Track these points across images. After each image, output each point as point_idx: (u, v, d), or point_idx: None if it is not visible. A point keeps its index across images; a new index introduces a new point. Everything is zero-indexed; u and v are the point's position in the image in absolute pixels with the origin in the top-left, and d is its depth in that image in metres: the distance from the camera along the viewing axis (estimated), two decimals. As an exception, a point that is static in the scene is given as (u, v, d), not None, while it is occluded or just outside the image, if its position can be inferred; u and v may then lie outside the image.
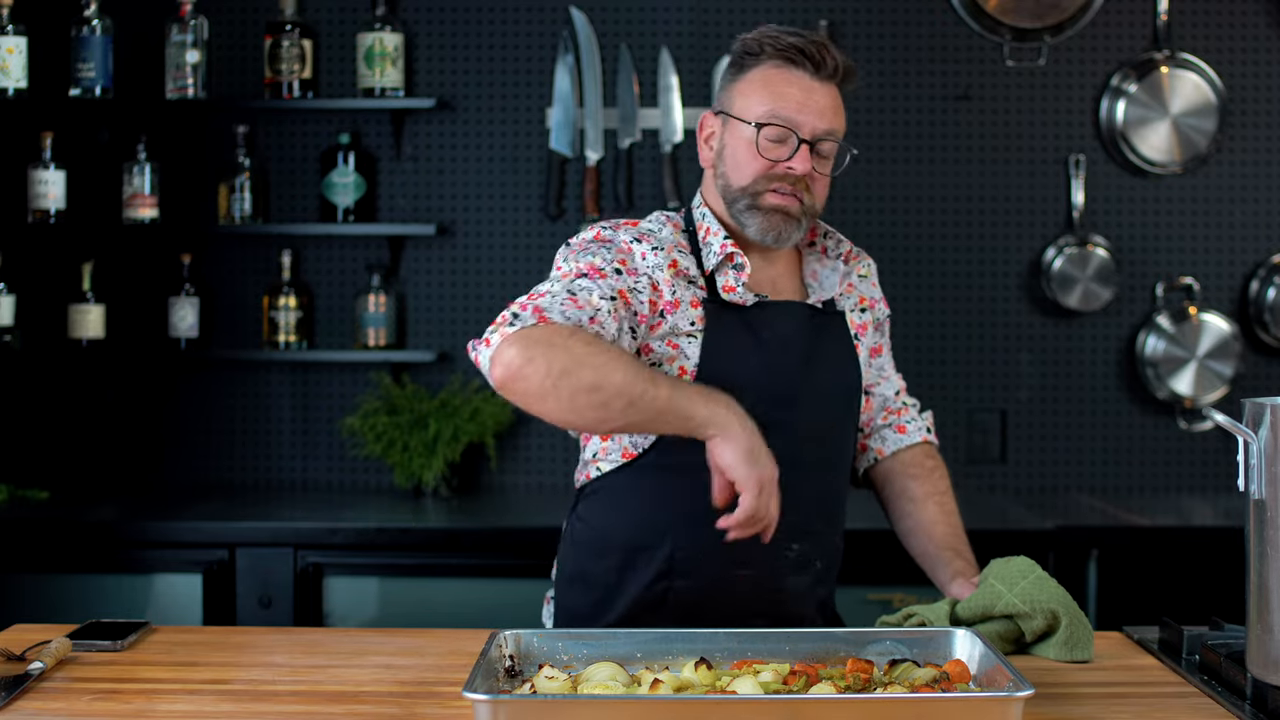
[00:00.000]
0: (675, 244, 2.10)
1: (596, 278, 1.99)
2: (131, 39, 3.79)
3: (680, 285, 2.07)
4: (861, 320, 2.24)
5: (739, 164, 2.10)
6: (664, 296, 2.05)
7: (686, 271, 2.08)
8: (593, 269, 2.01)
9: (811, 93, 2.08)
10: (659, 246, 2.07)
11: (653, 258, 2.06)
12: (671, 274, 2.06)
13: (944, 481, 2.30)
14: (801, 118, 2.06)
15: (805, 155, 2.06)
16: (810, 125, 2.07)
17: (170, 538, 3.31)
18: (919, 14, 3.83)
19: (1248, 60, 3.84)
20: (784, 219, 2.08)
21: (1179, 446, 3.85)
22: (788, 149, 2.07)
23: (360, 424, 3.72)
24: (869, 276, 2.29)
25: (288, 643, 2.03)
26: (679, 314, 2.06)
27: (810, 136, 2.07)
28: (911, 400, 2.37)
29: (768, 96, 2.08)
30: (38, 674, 1.80)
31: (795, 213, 2.09)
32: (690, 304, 2.07)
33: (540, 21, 3.85)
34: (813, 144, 2.07)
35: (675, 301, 2.06)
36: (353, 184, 3.78)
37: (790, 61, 2.08)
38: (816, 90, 2.08)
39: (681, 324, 2.06)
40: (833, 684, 1.62)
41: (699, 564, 2.07)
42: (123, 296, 3.83)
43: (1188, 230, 3.85)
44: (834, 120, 2.09)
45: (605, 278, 2.00)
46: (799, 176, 2.07)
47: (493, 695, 1.55)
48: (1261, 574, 1.65)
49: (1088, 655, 1.92)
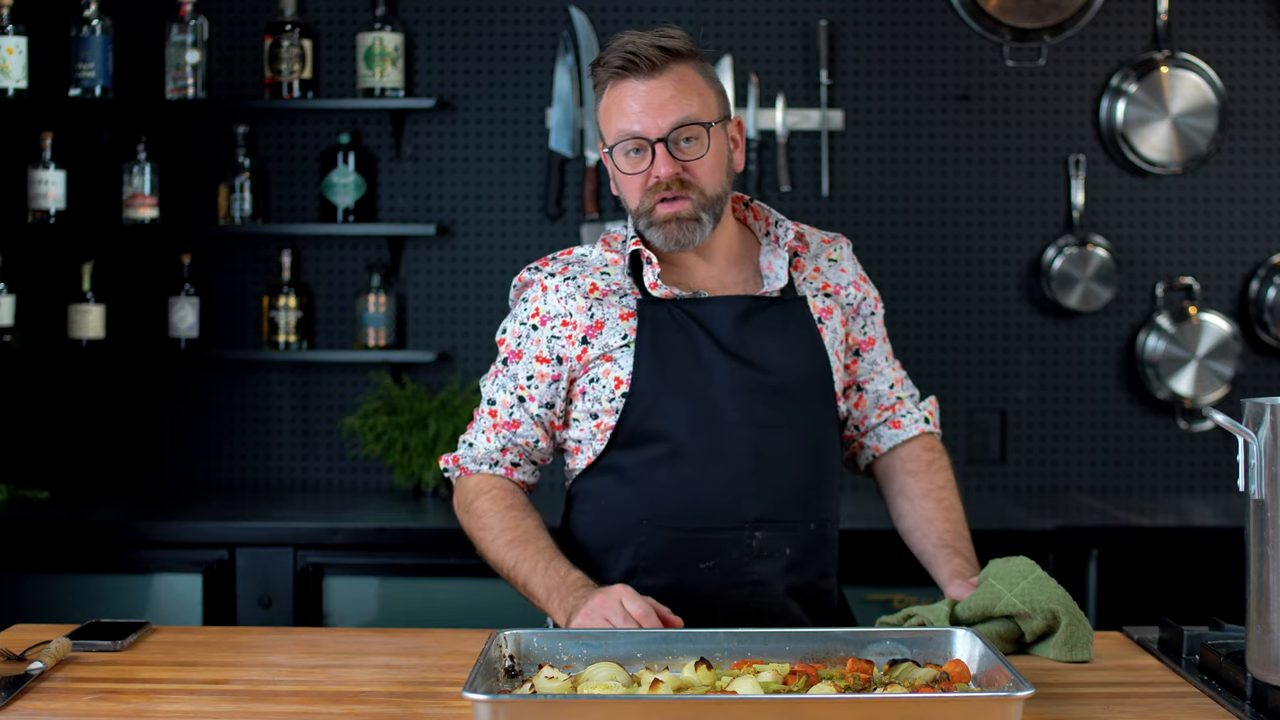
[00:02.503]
0: (603, 264, 2.18)
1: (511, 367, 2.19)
2: (131, 39, 3.79)
3: (602, 305, 2.14)
4: (825, 305, 2.21)
5: (622, 190, 2.14)
6: (580, 325, 2.14)
7: (610, 289, 2.15)
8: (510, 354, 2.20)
9: (647, 94, 2.06)
10: (574, 278, 2.16)
11: (565, 289, 2.15)
12: (589, 300, 2.14)
13: (943, 474, 2.28)
14: (643, 123, 2.06)
15: (664, 156, 2.06)
16: (654, 125, 2.06)
17: (170, 538, 3.31)
18: (919, 14, 3.84)
19: (1248, 60, 3.84)
20: (679, 225, 2.09)
21: (1179, 446, 3.85)
22: (646, 159, 2.08)
23: (360, 424, 3.72)
24: (839, 261, 2.27)
25: (288, 643, 2.03)
26: (606, 332, 2.13)
27: (658, 135, 2.06)
28: (909, 392, 2.33)
29: (612, 118, 2.09)
30: (38, 674, 1.80)
31: (687, 214, 2.09)
32: (620, 317, 2.13)
33: (540, 21, 3.85)
34: (667, 140, 2.06)
35: (599, 323, 2.14)
36: (353, 184, 3.78)
37: (621, 74, 2.08)
38: (652, 89, 2.06)
39: (613, 340, 2.13)
40: (833, 684, 1.62)
41: (664, 560, 2.12)
42: (123, 296, 3.84)
43: (1188, 230, 3.85)
44: (679, 107, 2.06)
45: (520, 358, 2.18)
46: (670, 179, 2.07)
47: (493, 695, 1.56)
48: (1261, 574, 1.65)
49: (1088, 655, 1.92)
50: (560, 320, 2.15)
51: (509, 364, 2.19)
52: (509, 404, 2.18)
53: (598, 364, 2.13)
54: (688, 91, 2.08)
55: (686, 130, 2.07)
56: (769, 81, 3.83)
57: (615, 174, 2.13)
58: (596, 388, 2.14)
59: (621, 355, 2.12)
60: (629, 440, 2.13)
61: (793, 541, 2.14)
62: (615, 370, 2.12)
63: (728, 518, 2.10)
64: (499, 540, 2.12)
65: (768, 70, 3.83)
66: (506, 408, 2.18)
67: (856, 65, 3.84)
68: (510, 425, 2.18)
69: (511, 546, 2.11)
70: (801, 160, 3.83)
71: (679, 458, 2.10)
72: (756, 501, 2.10)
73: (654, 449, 2.12)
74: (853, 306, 2.26)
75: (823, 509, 2.20)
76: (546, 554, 2.08)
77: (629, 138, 2.07)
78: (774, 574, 2.12)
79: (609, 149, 2.11)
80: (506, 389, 2.18)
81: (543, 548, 2.09)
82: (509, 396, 2.18)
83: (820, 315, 2.20)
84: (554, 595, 2.02)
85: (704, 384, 2.10)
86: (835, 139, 3.83)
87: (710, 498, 2.10)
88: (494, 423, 2.19)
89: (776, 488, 2.13)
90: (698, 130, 2.08)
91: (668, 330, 2.12)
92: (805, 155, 3.83)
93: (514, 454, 2.19)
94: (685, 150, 2.08)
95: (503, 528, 2.13)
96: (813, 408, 2.18)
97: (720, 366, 2.11)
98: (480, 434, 2.20)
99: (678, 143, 2.07)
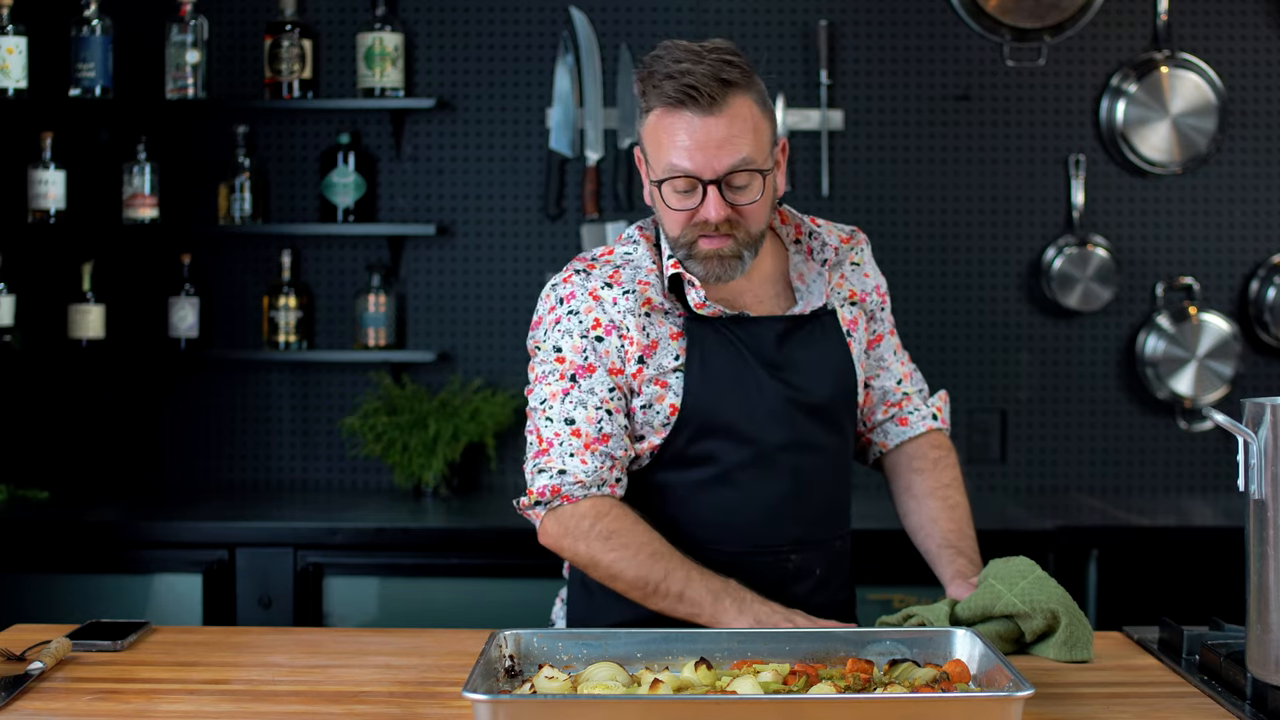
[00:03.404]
0: (649, 269, 2.09)
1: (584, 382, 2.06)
2: (131, 39, 3.79)
3: (655, 323, 2.08)
4: (853, 315, 2.20)
5: (663, 217, 2.06)
6: (638, 343, 2.07)
7: (661, 306, 2.08)
8: (579, 370, 2.07)
9: (704, 131, 1.96)
10: (630, 290, 2.07)
11: (624, 302, 2.07)
12: (644, 316, 2.07)
13: (949, 472, 2.27)
14: (697, 162, 1.97)
15: (715, 199, 1.98)
16: (709, 167, 1.97)
17: (170, 538, 3.31)
18: (919, 14, 3.84)
19: (1248, 60, 3.84)
20: (720, 262, 2.04)
21: (1179, 446, 3.85)
22: (696, 197, 1.99)
23: (360, 424, 3.72)
24: (861, 264, 2.24)
25: (288, 643, 2.03)
26: (660, 353, 2.08)
27: (714, 177, 1.97)
28: (916, 387, 2.31)
29: (663, 149, 1.99)
30: (38, 674, 1.80)
31: (729, 252, 2.03)
32: (670, 337, 2.08)
33: (540, 21, 3.85)
34: (720, 182, 1.98)
35: (654, 343, 2.08)
36: (353, 184, 3.78)
37: (676, 104, 1.97)
38: (709, 126, 1.96)
39: (666, 362, 2.08)
40: (833, 684, 1.62)
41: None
42: (123, 296, 3.83)
43: (1188, 230, 3.85)
44: (736, 149, 1.97)
45: (593, 372, 2.06)
46: (722, 221, 2.00)
47: (493, 695, 1.56)
48: (1261, 574, 1.65)
49: (1088, 655, 1.92)
50: (623, 333, 2.07)
51: (579, 379, 2.07)
52: (595, 420, 2.05)
53: (650, 386, 2.08)
54: (745, 131, 1.98)
55: (741, 176, 1.99)
56: (769, 81, 3.78)
57: (658, 203, 2.05)
58: (649, 413, 2.08)
59: (674, 379, 2.08)
60: (674, 461, 2.10)
61: (822, 561, 2.16)
62: (669, 396, 2.07)
63: (768, 541, 2.10)
64: (639, 556, 2.01)
65: (768, 70, 3.82)
66: (594, 424, 2.05)
67: (856, 65, 3.84)
68: (602, 440, 2.05)
69: (655, 560, 2.01)
70: (801, 160, 3.83)
71: (723, 482, 2.09)
72: (794, 524, 2.10)
73: (699, 472, 2.10)
74: (870, 311, 2.25)
75: (845, 523, 2.21)
76: (689, 563, 2.01)
77: (680, 175, 1.98)
78: (806, 594, 2.13)
79: (655, 182, 2.03)
80: (588, 405, 2.06)
81: (683, 559, 2.02)
82: (593, 413, 2.06)
83: (849, 328, 2.19)
84: (723, 598, 1.97)
85: (750, 407, 2.08)
86: (835, 139, 3.83)
87: (752, 521, 2.10)
88: (584, 443, 2.05)
89: (813, 508, 2.14)
90: (753, 176, 2.00)
91: (715, 351, 2.08)
92: (805, 155, 3.83)
93: (617, 470, 2.08)
94: (738, 195, 2.00)
95: (640, 545, 2.02)
96: (845, 424, 2.19)
97: (765, 388, 2.09)
98: (571, 458, 2.05)
99: (730, 185, 1.99)
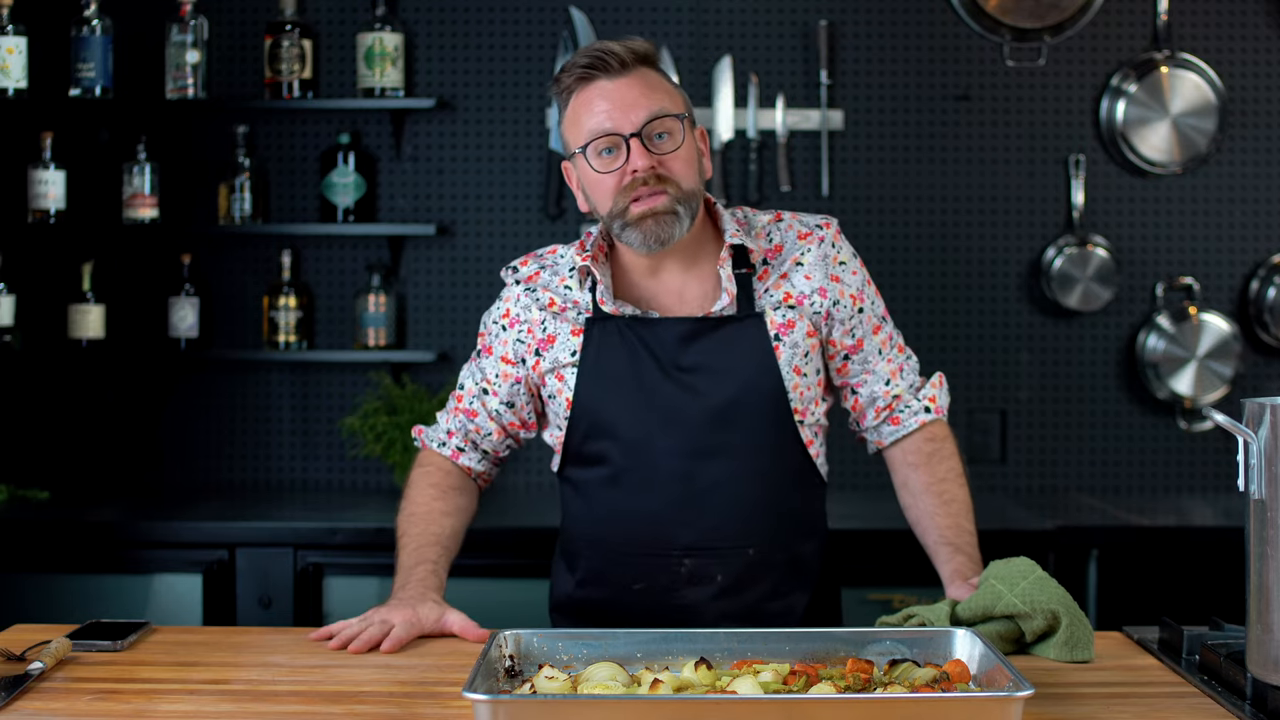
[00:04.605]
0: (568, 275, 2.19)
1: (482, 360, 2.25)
2: (131, 39, 3.79)
3: (556, 320, 2.17)
4: (787, 318, 2.15)
5: (596, 192, 2.11)
6: (536, 336, 2.19)
7: (568, 305, 2.16)
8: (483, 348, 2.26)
9: (615, 91, 2.06)
10: (533, 289, 2.20)
11: (526, 299, 2.20)
12: (545, 312, 2.18)
13: (944, 465, 2.27)
14: (615, 119, 2.05)
15: (639, 150, 2.04)
16: (627, 120, 2.05)
17: (170, 538, 3.31)
18: (919, 14, 3.84)
19: (1248, 60, 3.84)
20: (656, 221, 2.06)
21: (1179, 446, 3.85)
22: (620, 156, 2.06)
23: (360, 424, 3.72)
24: (804, 265, 2.17)
25: (287, 643, 2.03)
26: (557, 347, 2.16)
27: (632, 130, 2.04)
28: (906, 383, 2.26)
29: (581, 120, 2.08)
30: (38, 674, 1.80)
31: (664, 207, 2.06)
32: (570, 333, 2.16)
33: (540, 21, 3.85)
34: (641, 135, 2.04)
35: (550, 337, 2.17)
36: (353, 184, 3.78)
37: (589, 74, 2.07)
38: (620, 87, 2.06)
39: (562, 356, 2.16)
40: (833, 684, 1.62)
41: (601, 576, 2.19)
42: (123, 296, 3.83)
43: (1188, 230, 3.85)
44: (650, 102, 2.06)
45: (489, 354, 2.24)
46: (647, 172, 2.05)
47: (493, 695, 1.56)
48: (1261, 574, 1.65)
49: (1088, 655, 1.92)
50: (525, 327, 2.20)
51: (481, 356, 2.26)
52: (473, 393, 2.25)
53: (550, 378, 2.17)
54: (656, 88, 2.08)
55: (660, 124, 2.06)
56: (769, 81, 3.83)
57: (586, 178, 2.10)
58: (554, 404, 2.19)
59: (569, 374, 2.15)
60: (576, 459, 2.19)
61: (725, 569, 2.14)
62: (565, 390, 2.16)
63: (656, 545, 2.13)
64: (404, 510, 2.22)
65: (768, 70, 3.83)
66: (470, 396, 2.26)
67: (856, 65, 3.84)
68: (468, 413, 2.25)
69: (410, 521, 2.19)
70: (801, 160, 3.83)
71: (613, 484, 2.15)
72: (686, 530, 2.13)
73: (596, 471, 2.17)
74: (822, 313, 2.18)
75: (768, 532, 2.16)
76: (422, 539, 2.15)
77: (601, 135, 2.05)
78: (704, 599, 2.14)
79: (580, 150, 2.08)
80: (475, 379, 2.26)
81: (425, 532, 2.16)
82: (474, 386, 2.25)
83: (778, 331, 2.14)
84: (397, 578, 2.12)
85: (642, 409, 2.11)
86: (835, 139, 3.83)
87: (640, 525, 2.14)
88: (455, 406, 2.27)
89: (709, 516, 2.13)
90: (671, 124, 2.07)
91: (612, 350, 2.12)
92: (805, 155, 3.83)
93: (460, 438, 2.26)
94: (659, 145, 2.06)
95: (411, 500, 2.23)
96: (760, 431, 2.14)
97: (660, 390, 2.10)
98: (445, 413, 2.29)
99: (651, 137, 2.06)
